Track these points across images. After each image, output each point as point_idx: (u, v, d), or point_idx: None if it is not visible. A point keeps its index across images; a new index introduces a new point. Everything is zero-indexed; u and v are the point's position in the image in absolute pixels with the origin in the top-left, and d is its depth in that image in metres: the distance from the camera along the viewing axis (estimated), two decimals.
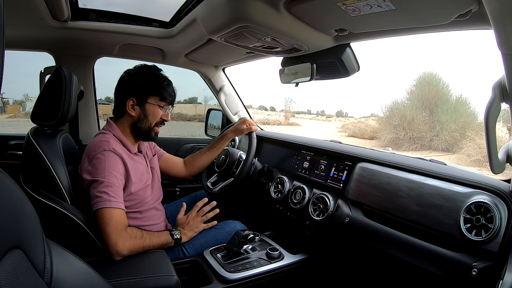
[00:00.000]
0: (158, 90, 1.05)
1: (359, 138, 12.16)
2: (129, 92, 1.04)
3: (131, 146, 1.06)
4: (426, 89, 10.91)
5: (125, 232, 0.90)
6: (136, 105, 1.05)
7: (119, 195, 0.92)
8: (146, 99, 1.05)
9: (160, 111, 1.08)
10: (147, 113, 1.06)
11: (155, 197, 1.13)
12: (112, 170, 0.93)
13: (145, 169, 1.10)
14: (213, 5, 0.91)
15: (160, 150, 1.32)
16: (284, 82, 1.29)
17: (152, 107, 1.06)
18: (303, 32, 0.94)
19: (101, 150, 0.94)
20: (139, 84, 1.04)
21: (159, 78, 1.06)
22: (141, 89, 1.04)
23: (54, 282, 0.43)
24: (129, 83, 1.05)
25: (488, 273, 0.67)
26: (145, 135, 1.08)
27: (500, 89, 0.60)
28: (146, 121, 1.06)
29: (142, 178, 1.05)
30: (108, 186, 0.90)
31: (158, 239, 0.98)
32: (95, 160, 0.93)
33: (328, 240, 1.08)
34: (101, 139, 0.98)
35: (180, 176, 1.39)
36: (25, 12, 1.03)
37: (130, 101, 1.04)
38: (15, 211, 0.39)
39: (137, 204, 1.03)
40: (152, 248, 0.96)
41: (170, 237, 1.02)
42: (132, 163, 1.02)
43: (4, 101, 16.74)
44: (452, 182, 0.81)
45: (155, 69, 1.09)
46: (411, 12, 0.72)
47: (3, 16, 0.31)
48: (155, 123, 1.08)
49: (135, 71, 1.07)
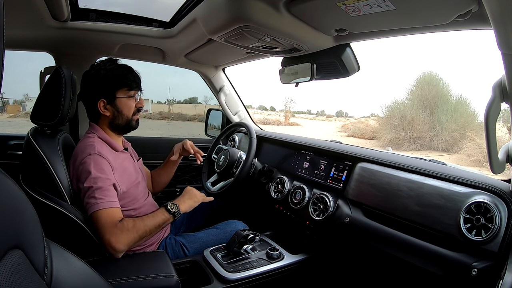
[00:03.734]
0: (122, 82, 1.03)
1: (359, 138, 12.16)
2: (96, 95, 1.02)
3: (117, 144, 1.06)
4: (426, 89, 10.91)
5: (116, 228, 0.86)
6: (108, 105, 1.03)
7: (107, 195, 0.90)
8: (115, 95, 1.03)
9: (132, 101, 1.06)
10: (120, 108, 1.04)
11: (144, 194, 1.13)
12: (98, 173, 0.91)
13: (133, 166, 1.10)
14: (213, 5, 0.91)
15: None
16: (284, 82, 1.29)
17: (123, 101, 1.04)
18: (303, 32, 0.94)
19: (87, 154, 0.94)
20: (102, 82, 1.02)
21: (120, 70, 1.04)
22: (106, 87, 1.02)
23: (54, 282, 0.43)
24: (93, 85, 1.03)
25: (488, 273, 0.67)
26: (126, 128, 1.08)
27: (500, 89, 0.60)
28: (122, 116, 1.05)
29: (131, 176, 1.05)
30: (95, 189, 0.89)
31: (154, 220, 0.93)
32: (81, 166, 0.92)
33: (328, 240, 1.08)
34: (86, 143, 0.98)
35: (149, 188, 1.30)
36: (25, 12, 1.03)
37: (100, 102, 1.02)
38: (15, 211, 0.39)
39: (130, 202, 1.03)
40: (150, 232, 0.92)
41: (166, 213, 0.96)
42: (119, 162, 1.02)
43: (4, 101, 16.76)
44: (452, 182, 0.81)
45: (111, 62, 1.06)
46: (411, 12, 0.72)
47: (3, 16, 0.31)
48: (132, 114, 1.07)
49: (94, 72, 1.04)
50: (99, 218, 0.87)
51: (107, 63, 1.05)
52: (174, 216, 0.97)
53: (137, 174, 1.10)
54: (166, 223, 0.97)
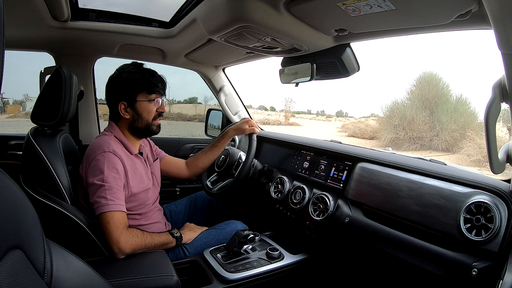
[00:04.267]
0: (143, 85, 1.03)
1: (359, 138, 12.16)
2: (117, 97, 1.03)
3: (132, 147, 1.06)
4: (426, 89, 10.91)
5: (126, 230, 0.90)
6: (128, 107, 1.03)
7: (118, 197, 0.92)
8: (135, 98, 1.03)
9: (153, 105, 1.05)
10: (140, 112, 1.04)
11: (153, 200, 1.14)
12: (111, 172, 0.92)
13: (145, 172, 1.10)
14: (213, 5, 0.91)
15: (161, 153, 1.32)
16: (284, 82, 1.29)
17: (143, 104, 1.04)
18: (303, 32, 0.94)
19: (101, 151, 0.94)
20: (123, 85, 1.02)
21: (142, 73, 1.04)
22: (127, 90, 1.02)
23: (54, 282, 0.43)
24: (115, 88, 1.04)
25: (488, 273, 0.67)
26: (145, 132, 1.08)
27: (500, 89, 0.60)
28: (142, 120, 1.05)
29: (142, 182, 1.05)
30: (107, 189, 0.90)
31: (159, 238, 0.99)
32: (94, 162, 0.93)
33: (328, 240, 1.08)
34: (102, 141, 0.98)
35: (182, 177, 1.38)
36: (25, 12, 1.03)
37: (121, 105, 1.03)
38: (15, 211, 0.39)
39: (137, 206, 1.03)
40: (153, 247, 0.96)
41: (170, 236, 1.03)
42: (132, 165, 1.02)
43: (4, 101, 16.74)
44: (452, 182, 0.81)
45: (134, 66, 1.06)
46: (411, 12, 0.72)
47: (3, 16, 0.31)
48: (152, 118, 1.06)
49: (117, 74, 1.05)
50: (111, 219, 0.88)
51: (130, 66, 1.06)
52: (176, 240, 1.04)
53: (149, 180, 1.10)
54: (168, 244, 1.02)
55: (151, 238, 0.96)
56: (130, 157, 1.03)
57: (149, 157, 1.19)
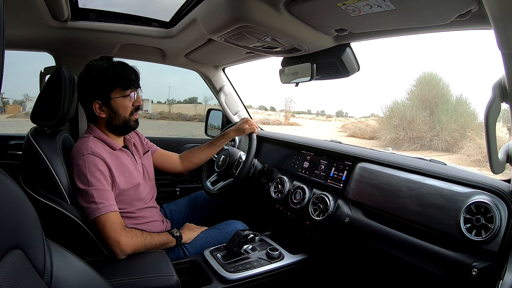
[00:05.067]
0: (116, 81, 0.98)
1: (359, 138, 12.16)
2: (90, 96, 0.99)
3: (115, 143, 1.03)
4: (426, 89, 10.91)
5: (125, 230, 0.90)
6: (103, 106, 0.99)
7: (107, 198, 0.90)
8: (109, 95, 0.98)
9: (129, 100, 1.01)
10: (116, 109, 1.00)
11: (148, 196, 1.11)
12: (94, 174, 0.91)
13: (134, 166, 1.06)
14: (213, 5, 0.91)
15: (153, 146, 1.29)
16: (284, 82, 1.29)
17: (118, 101, 0.99)
18: (303, 32, 0.94)
19: (80, 155, 0.93)
20: (95, 84, 0.97)
21: (113, 68, 0.99)
22: (100, 88, 0.98)
23: (54, 282, 0.43)
24: (86, 87, 0.99)
25: (488, 273, 0.67)
26: (124, 128, 1.04)
27: (500, 89, 0.60)
28: (119, 117, 1.01)
29: (131, 177, 1.02)
30: (93, 193, 0.89)
31: (159, 237, 0.99)
32: (76, 168, 0.92)
33: (328, 240, 1.08)
34: (80, 144, 0.96)
35: (175, 171, 1.35)
36: (25, 12, 1.03)
37: (95, 104, 0.99)
38: (15, 211, 0.39)
39: (128, 204, 1.02)
40: (153, 246, 0.96)
41: (170, 235, 1.03)
42: (116, 161, 0.99)
43: (4, 101, 16.75)
44: (452, 182, 0.81)
45: (104, 61, 1.00)
46: (411, 12, 0.72)
47: (3, 16, 0.31)
48: (129, 113, 1.02)
49: (86, 71, 0.99)
50: (106, 222, 0.87)
51: (100, 62, 1.00)
52: (176, 240, 1.04)
53: (138, 173, 1.07)
54: (168, 244, 1.02)
55: (151, 238, 0.96)
56: (113, 153, 1.01)
57: (138, 149, 1.16)
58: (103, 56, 1.03)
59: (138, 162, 1.11)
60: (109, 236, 0.87)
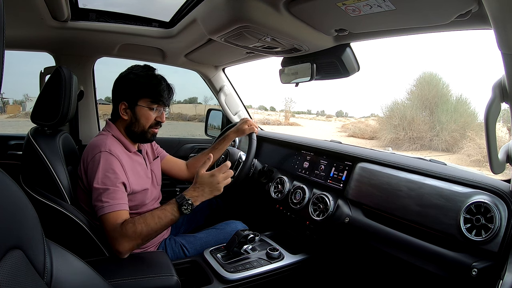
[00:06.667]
0: (148, 92, 1.01)
1: (359, 138, 12.16)
2: (120, 96, 1.01)
3: (130, 145, 1.05)
4: (426, 89, 10.91)
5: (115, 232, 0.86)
6: (128, 109, 1.01)
7: (114, 197, 0.90)
8: (137, 102, 1.01)
9: (152, 114, 1.03)
10: (138, 117, 1.02)
11: (154, 199, 1.13)
12: (107, 172, 0.91)
13: (144, 172, 1.08)
14: (213, 5, 0.91)
15: (162, 152, 1.31)
16: (284, 82, 1.29)
17: (143, 110, 1.01)
18: (303, 32, 0.94)
19: (97, 152, 0.93)
20: (128, 86, 1.01)
21: (149, 79, 1.02)
22: (131, 92, 1.00)
23: (54, 282, 0.43)
24: (120, 86, 1.02)
25: (488, 273, 0.67)
26: (140, 137, 1.05)
27: (500, 89, 0.60)
28: (139, 125, 1.02)
29: (140, 181, 1.03)
30: (103, 192, 0.89)
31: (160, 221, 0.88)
32: (91, 163, 0.92)
33: (328, 240, 1.08)
34: (98, 141, 0.97)
35: (181, 178, 1.37)
36: (25, 12, 1.03)
37: (122, 105, 1.01)
38: (15, 211, 0.39)
39: (136, 206, 1.03)
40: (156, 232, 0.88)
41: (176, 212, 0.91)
42: (130, 163, 1.01)
43: (4, 101, 16.74)
44: (452, 182, 0.81)
45: (145, 69, 1.04)
46: (411, 12, 0.72)
47: (3, 16, 0.31)
48: (149, 125, 1.04)
49: (126, 73, 1.03)
50: (105, 222, 0.87)
51: (140, 68, 1.03)
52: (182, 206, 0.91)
53: (147, 179, 1.08)
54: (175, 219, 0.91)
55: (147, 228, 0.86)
56: (128, 155, 1.02)
57: (149, 155, 1.17)
58: (147, 65, 1.06)
59: (148, 167, 1.12)
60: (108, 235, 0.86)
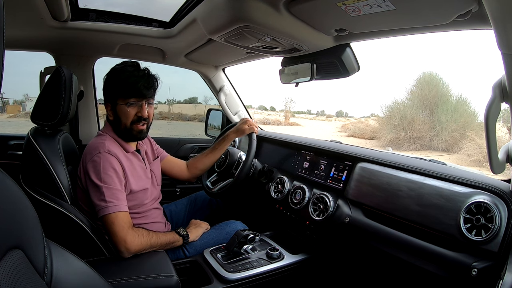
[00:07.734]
0: (120, 88, 0.99)
1: (359, 138, 12.15)
2: (105, 98, 1.03)
3: (127, 145, 1.05)
4: (426, 89, 10.90)
5: (132, 230, 0.91)
6: (111, 110, 1.02)
7: (117, 197, 0.91)
8: (116, 101, 1.00)
9: (131, 110, 1.00)
10: (119, 115, 1.01)
11: (154, 199, 1.13)
12: (108, 172, 0.92)
13: (144, 171, 1.08)
14: (213, 5, 0.91)
15: (162, 152, 1.31)
16: (284, 82, 1.29)
17: (120, 107, 1.00)
18: (303, 32, 0.94)
19: (96, 152, 0.94)
20: (107, 87, 1.01)
21: (119, 74, 0.99)
22: (110, 92, 1.01)
23: (54, 282, 0.43)
24: (104, 88, 1.03)
25: (488, 273, 0.67)
26: (127, 136, 1.04)
27: (500, 89, 0.60)
28: (121, 123, 1.01)
29: (140, 181, 1.04)
30: (105, 191, 0.90)
31: (165, 237, 1.00)
32: (91, 164, 0.93)
33: (328, 240, 1.08)
34: (96, 141, 0.98)
35: (182, 178, 1.38)
36: (25, 12, 1.03)
37: (107, 106, 1.03)
38: (15, 211, 0.39)
39: (135, 206, 1.03)
40: (159, 246, 0.96)
41: (176, 235, 1.03)
42: (128, 164, 1.01)
43: (4, 101, 16.73)
44: (452, 182, 0.81)
45: (121, 65, 1.02)
46: (411, 12, 0.72)
47: (3, 16, 0.31)
48: (130, 122, 1.01)
49: (108, 73, 1.03)
50: (115, 220, 0.88)
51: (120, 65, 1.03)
52: (183, 238, 1.05)
53: (147, 179, 1.09)
54: (175, 243, 1.03)
55: (157, 237, 0.96)
56: (126, 155, 1.03)
57: (148, 155, 1.17)
58: (126, 61, 1.05)
59: (148, 167, 1.13)
60: (116, 234, 0.88)
